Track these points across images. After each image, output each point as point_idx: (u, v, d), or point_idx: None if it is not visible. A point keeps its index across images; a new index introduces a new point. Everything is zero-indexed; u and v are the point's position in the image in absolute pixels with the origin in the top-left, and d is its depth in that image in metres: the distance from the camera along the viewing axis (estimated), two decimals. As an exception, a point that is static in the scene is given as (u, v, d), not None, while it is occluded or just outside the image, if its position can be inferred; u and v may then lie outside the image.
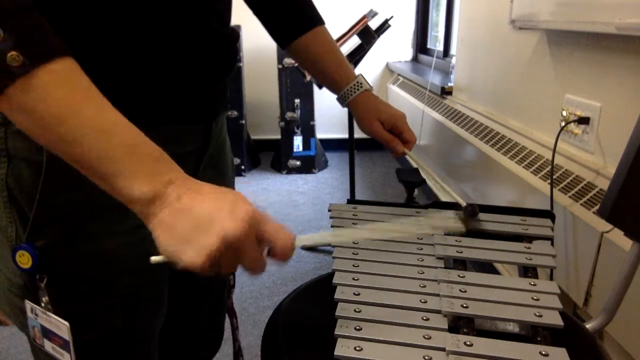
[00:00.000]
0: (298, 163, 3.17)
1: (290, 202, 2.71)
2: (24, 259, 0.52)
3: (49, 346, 0.55)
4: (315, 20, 0.82)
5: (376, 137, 0.84)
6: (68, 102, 0.42)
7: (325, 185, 2.97)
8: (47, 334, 0.54)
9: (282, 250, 0.47)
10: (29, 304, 0.54)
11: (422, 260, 0.68)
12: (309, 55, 0.83)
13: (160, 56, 0.55)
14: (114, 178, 0.43)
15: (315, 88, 2.99)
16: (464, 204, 0.78)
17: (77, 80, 0.44)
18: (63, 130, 0.42)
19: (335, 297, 0.60)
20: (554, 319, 0.56)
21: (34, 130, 0.43)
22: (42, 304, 0.53)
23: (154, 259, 0.45)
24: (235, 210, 0.43)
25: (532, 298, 0.60)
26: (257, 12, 0.81)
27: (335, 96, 0.86)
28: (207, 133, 0.65)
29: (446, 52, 2.92)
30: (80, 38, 0.50)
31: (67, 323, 0.52)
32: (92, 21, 0.50)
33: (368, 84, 0.84)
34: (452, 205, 0.81)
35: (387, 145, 0.84)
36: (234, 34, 0.65)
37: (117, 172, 0.43)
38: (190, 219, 0.43)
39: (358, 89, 0.83)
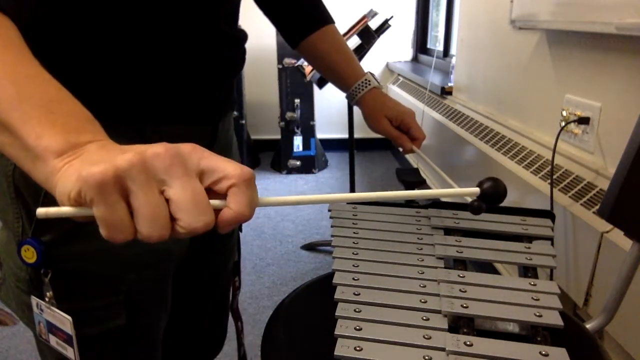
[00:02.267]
0: (298, 163, 3.17)
1: (290, 202, 2.71)
2: (29, 254, 0.52)
3: (53, 341, 0.55)
4: (324, 19, 0.82)
5: (384, 134, 0.84)
6: None
7: (325, 185, 2.97)
8: (52, 328, 0.55)
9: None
10: (34, 300, 0.55)
11: (422, 260, 0.68)
12: (318, 53, 0.83)
13: (168, 57, 0.55)
14: (21, 123, 0.36)
15: (316, 88, 2.99)
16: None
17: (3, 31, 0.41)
18: None
19: (335, 297, 0.60)
20: (554, 319, 0.56)
21: None
22: (46, 299, 0.53)
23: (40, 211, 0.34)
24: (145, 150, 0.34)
25: (532, 298, 0.60)
26: (267, 12, 0.81)
27: (337, 96, 0.86)
28: (214, 133, 0.66)
29: (446, 52, 2.92)
30: (91, 38, 0.50)
31: (69, 317, 0.52)
32: (103, 22, 0.50)
33: (377, 81, 0.84)
34: (452, 205, 0.81)
35: (395, 142, 0.84)
36: (242, 35, 0.66)
37: (26, 118, 0.36)
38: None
39: (366, 87, 0.83)
